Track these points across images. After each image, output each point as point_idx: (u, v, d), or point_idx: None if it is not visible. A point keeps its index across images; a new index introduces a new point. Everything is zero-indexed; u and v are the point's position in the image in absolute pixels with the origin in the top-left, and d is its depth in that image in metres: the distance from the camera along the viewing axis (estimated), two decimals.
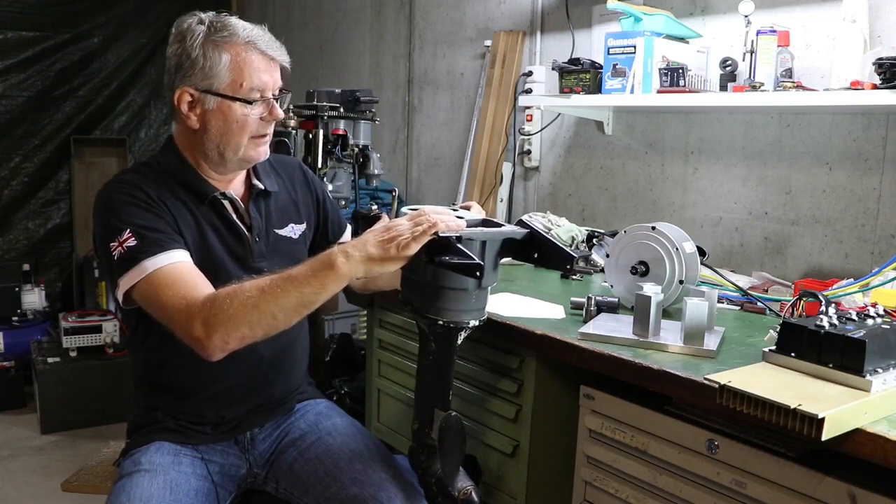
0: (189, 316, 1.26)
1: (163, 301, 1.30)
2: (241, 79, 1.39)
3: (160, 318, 1.33)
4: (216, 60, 1.38)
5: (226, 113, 1.40)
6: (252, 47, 1.40)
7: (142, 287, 1.32)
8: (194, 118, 1.41)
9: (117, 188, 1.40)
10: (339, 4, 3.98)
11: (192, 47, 1.38)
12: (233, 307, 1.23)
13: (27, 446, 3.24)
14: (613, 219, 2.54)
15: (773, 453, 1.17)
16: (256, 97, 1.41)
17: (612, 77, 2.13)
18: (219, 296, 1.26)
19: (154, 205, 1.39)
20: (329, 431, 1.54)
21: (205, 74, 1.38)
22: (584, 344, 1.42)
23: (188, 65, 1.38)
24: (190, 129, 1.43)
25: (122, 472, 1.41)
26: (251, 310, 1.23)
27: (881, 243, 1.89)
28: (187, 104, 1.41)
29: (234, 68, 1.39)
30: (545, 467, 1.62)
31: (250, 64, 1.40)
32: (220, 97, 1.40)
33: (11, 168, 4.27)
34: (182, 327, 1.27)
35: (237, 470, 1.51)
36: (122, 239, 1.32)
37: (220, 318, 1.23)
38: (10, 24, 4.15)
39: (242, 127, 1.42)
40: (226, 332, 1.24)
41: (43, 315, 4.00)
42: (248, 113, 1.41)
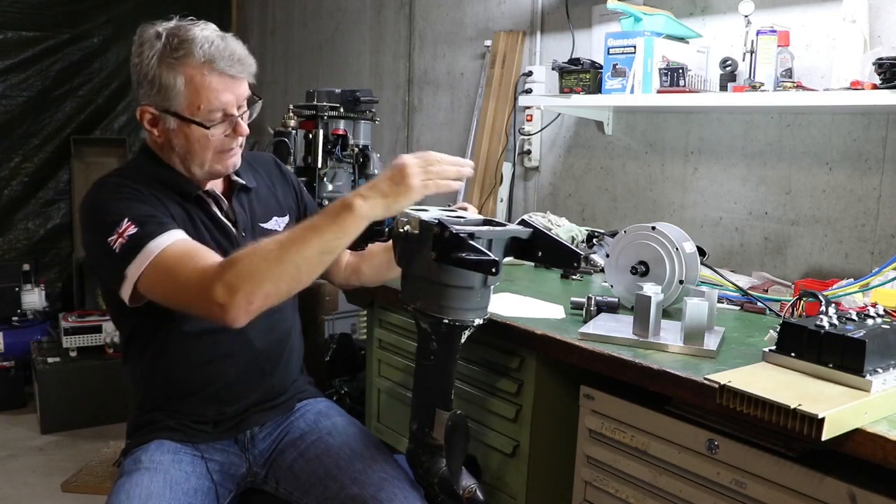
0: (208, 282, 1.21)
1: (176, 278, 1.26)
2: (199, 101, 1.35)
3: (174, 300, 1.29)
4: (171, 83, 1.34)
5: (186, 133, 1.38)
6: (209, 67, 1.34)
7: (151, 272, 1.28)
8: (157, 133, 1.41)
9: (102, 190, 1.38)
10: (339, 4, 3.98)
11: (148, 66, 1.35)
12: (253, 263, 1.20)
13: (27, 446, 3.23)
14: (613, 219, 2.54)
15: (773, 453, 1.17)
16: (217, 118, 1.37)
17: (612, 77, 2.13)
18: (236, 256, 1.23)
19: (145, 196, 1.37)
20: (329, 431, 1.54)
21: (162, 96, 1.35)
22: (584, 344, 1.42)
23: (146, 84, 1.36)
24: (156, 142, 1.44)
25: (122, 471, 1.41)
26: (273, 263, 1.20)
27: (881, 243, 1.89)
28: (148, 122, 1.40)
29: (192, 91, 1.34)
30: (545, 467, 1.62)
31: (207, 86, 1.35)
32: (180, 118, 1.37)
33: (11, 168, 4.27)
34: (202, 296, 1.22)
35: (237, 469, 1.51)
36: (122, 230, 1.29)
37: (241, 276, 1.20)
38: (10, 24, 4.15)
39: (204, 147, 1.39)
40: (250, 290, 1.20)
41: (43, 315, 4.00)
42: (209, 134, 1.38)
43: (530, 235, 1.34)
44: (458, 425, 1.33)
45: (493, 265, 1.18)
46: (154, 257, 1.27)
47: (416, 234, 1.29)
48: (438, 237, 1.23)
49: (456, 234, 1.20)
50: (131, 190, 1.37)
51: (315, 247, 1.22)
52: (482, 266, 1.19)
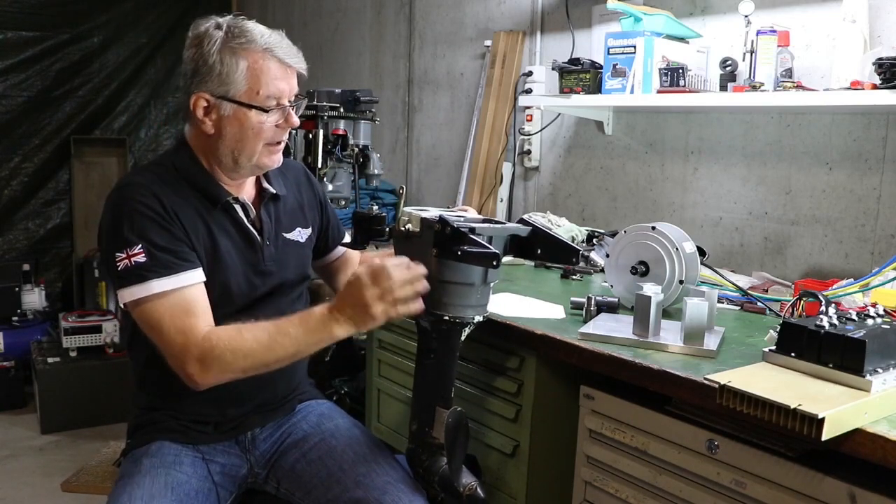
0: (185, 353, 1.29)
1: (161, 329, 1.31)
2: (258, 86, 1.39)
3: (154, 340, 1.34)
4: (233, 67, 1.37)
5: (241, 120, 1.40)
6: (269, 55, 1.39)
7: (143, 306, 1.32)
8: (209, 124, 1.41)
9: (132, 193, 1.37)
10: (339, 4, 3.99)
11: (209, 53, 1.37)
12: (234, 357, 1.29)
13: (27, 446, 3.23)
14: (613, 219, 2.54)
15: (773, 453, 1.17)
16: (273, 105, 1.41)
17: (612, 77, 2.13)
18: (219, 342, 1.29)
19: (168, 219, 1.37)
20: (332, 433, 1.54)
21: (221, 81, 1.38)
22: (584, 344, 1.42)
23: (205, 70, 1.38)
24: (205, 133, 1.42)
25: (123, 472, 1.41)
26: (250, 361, 1.30)
27: (881, 243, 1.89)
28: (203, 109, 1.40)
29: (251, 76, 1.38)
30: (545, 467, 1.62)
31: (267, 72, 1.39)
32: (237, 104, 1.39)
33: (11, 168, 4.27)
34: (176, 359, 1.31)
35: (238, 470, 1.51)
36: (132, 252, 1.32)
37: (218, 363, 1.29)
38: (10, 24, 4.15)
39: (258, 134, 1.41)
40: (221, 375, 1.30)
41: (43, 315, 4.00)
42: (263, 120, 1.41)
43: (529, 233, 1.36)
44: (459, 422, 1.34)
45: (494, 257, 1.20)
46: (150, 295, 1.32)
47: (416, 232, 1.31)
48: (440, 233, 1.25)
49: (457, 229, 1.22)
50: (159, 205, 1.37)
51: (291, 355, 1.32)
52: (484, 258, 1.21)
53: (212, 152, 1.44)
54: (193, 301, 1.34)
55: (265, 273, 1.45)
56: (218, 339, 1.29)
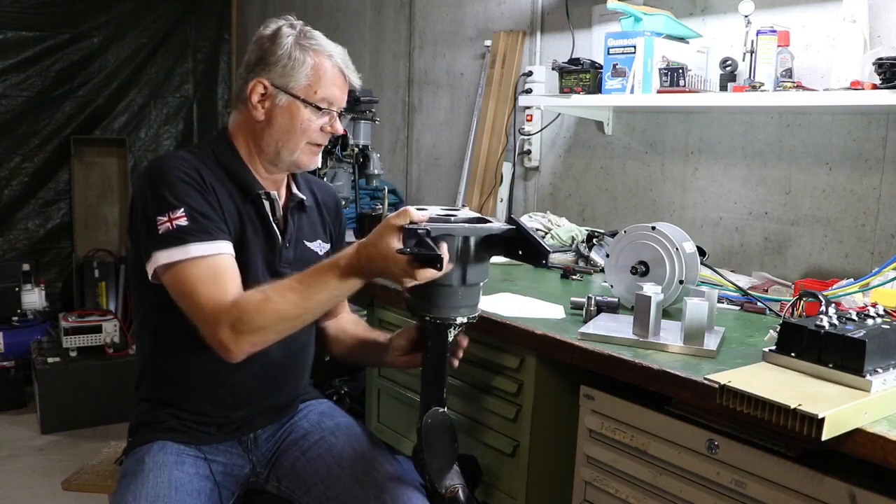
0: (217, 320, 1.28)
1: (194, 294, 1.31)
2: (317, 86, 1.45)
3: (183, 307, 1.33)
4: (299, 62, 1.44)
5: (293, 113, 1.45)
6: (333, 61, 1.48)
7: (179, 270, 1.32)
8: (261, 110, 1.45)
9: (173, 163, 1.40)
10: (339, 4, 3.99)
11: (279, 45, 1.44)
12: (266, 317, 1.28)
13: (27, 446, 3.24)
14: (613, 219, 2.54)
15: (773, 453, 1.17)
16: (325, 107, 1.47)
17: (612, 77, 2.13)
18: (249, 305, 1.28)
19: (206, 189, 1.40)
20: (332, 431, 1.54)
21: (285, 72, 1.44)
22: (584, 344, 1.42)
23: (272, 60, 1.44)
24: (253, 119, 1.46)
25: (125, 471, 1.41)
26: (285, 321, 1.30)
27: (881, 243, 1.89)
28: (259, 95, 1.44)
29: (314, 74, 1.45)
30: (545, 467, 1.62)
31: (328, 75, 1.47)
32: (293, 97, 1.45)
33: (11, 168, 4.27)
34: (207, 328, 1.30)
35: (240, 470, 1.51)
36: (175, 216, 1.33)
37: (250, 326, 1.27)
38: (10, 24, 4.14)
39: (304, 131, 1.47)
40: (254, 340, 1.29)
41: (43, 315, 4.00)
42: (313, 119, 1.46)
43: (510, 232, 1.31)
44: (435, 423, 1.34)
45: (437, 260, 1.18)
46: (188, 259, 1.32)
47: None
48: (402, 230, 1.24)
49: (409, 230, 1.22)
50: (198, 175, 1.40)
51: (323, 306, 1.34)
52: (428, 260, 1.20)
53: (256, 140, 1.48)
54: (226, 268, 1.35)
55: (280, 274, 1.46)
56: (247, 303, 1.29)
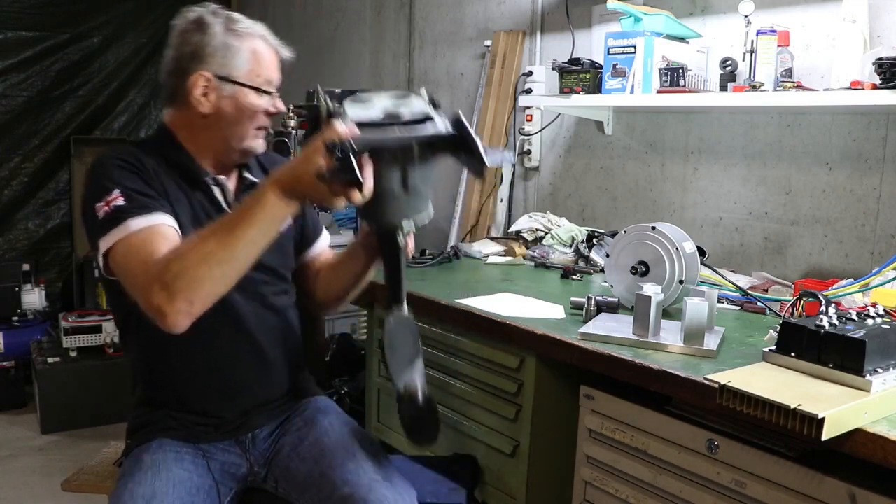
0: (147, 283, 1.18)
1: (128, 266, 1.25)
2: (259, 70, 1.44)
3: (127, 287, 1.28)
4: (237, 50, 1.42)
5: (240, 101, 1.44)
6: (266, 42, 1.47)
7: (118, 249, 1.28)
8: (206, 103, 1.43)
9: (110, 156, 1.40)
10: (339, 4, 3.98)
11: (212, 35, 1.42)
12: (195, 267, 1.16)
13: (27, 446, 3.23)
14: (613, 219, 2.54)
15: (773, 453, 1.17)
16: (268, 89, 1.46)
17: (612, 77, 2.13)
18: (174, 256, 1.20)
19: (147, 174, 1.38)
20: (325, 431, 1.54)
21: (225, 62, 1.42)
22: (584, 344, 1.42)
23: (209, 51, 1.42)
24: (198, 114, 1.44)
25: (124, 470, 1.41)
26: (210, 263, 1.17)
27: (881, 243, 1.89)
28: (202, 89, 1.43)
29: (254, 60, 1.44)
30: (545, 467, 1.62)
31: (266, 57, 1.46)
32: (238, 85, 1.43)
33: (11, 168, 4.27)
34: (142, 295, 1.20)
35: (238, 468, 1.51)
36: (111, 198, 1.30)
37: (180, 280, 1.16)
38: (10, 24, 4.14)
39: (252, 116, 1.46)
40: (190, 293, 1.16)
41: (43, 315, 4.00)
42: (259, 103, 1.45)
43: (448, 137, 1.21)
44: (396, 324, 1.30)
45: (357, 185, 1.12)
46: (125, 236, 1.27)
47: None
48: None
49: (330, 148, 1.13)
50: (137, 162, 1.39)
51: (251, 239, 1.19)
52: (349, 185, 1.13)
53: (202, 134, 1.46)
54: (160, 233, 1.28)
55: None
56: (172, 255, 1.20)
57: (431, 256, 2.31)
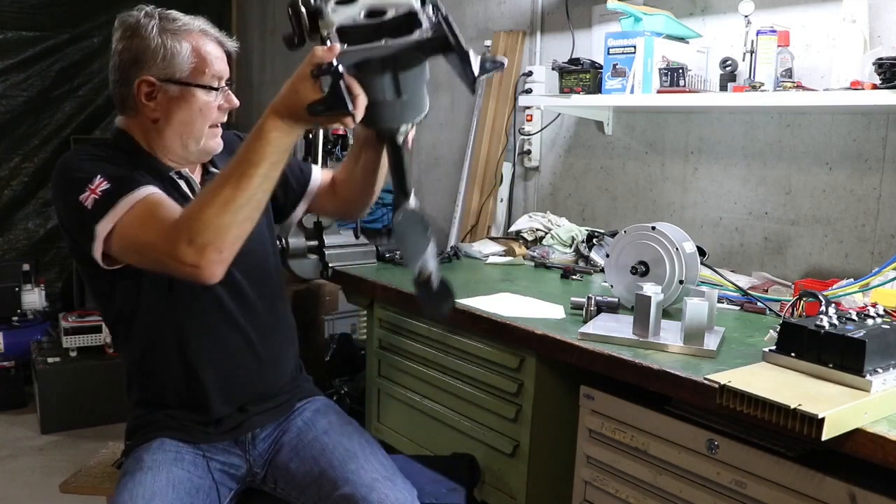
0: (172, 245, 1.19)
1: (142, 237, 1.25)
2: (203, 66, 1.40)
3: (142, 259, 1.29)
4: (177, 49, 1.38)
5: (188, 101, 1.40)
6: (206, 35, 1.42)
7: (120, 230, 1.27)
8: (154, 108, 1.41)
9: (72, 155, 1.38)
10: None
11: (149, 38, 1.38)
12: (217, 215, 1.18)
13: (27, 446, 3.23)
14: (613, 219, 2.54)
15: (773, 453, 1.17)
16: (216, 85, 1.42)
17: (612, 77, 2.13)
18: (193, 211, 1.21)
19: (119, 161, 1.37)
20: (325, 430, 1.54)
21: (166, 64, 1.38)
22: (584, 344, 1.42)
23: (148, 56, 1.38)
24: (149, 120, 1.42)
25: (125, 470, 1.41)
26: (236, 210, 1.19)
27: (881, 243, 1.89)
28: (146, 94, 1.40)
29: (196, 57, 1.39)
30: (545, 467, 1.62)
31: (209, 52, 1.41)
32: (183, 85, 1.40)
33: (11, 168, 4.26)
34: (169, 258, 1.21)
35: (237, 469, 1.51)
36: (94, 186, 1.28)
37: (206, 232, 1.18)
38: (10, 24, 4.14)
39: (204, 115, 1.42)
40: (219, 242, 1.18)
41: (43, 315, 3.99)
42: (210, 100, 1.42)
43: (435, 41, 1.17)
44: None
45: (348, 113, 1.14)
46: (125, 213, 1.26)
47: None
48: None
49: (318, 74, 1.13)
50: (104, 153, 1.38)
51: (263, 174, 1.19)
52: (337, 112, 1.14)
53: (157, 139, 1.43)
54: (160, 201, 1.29)
55: None
56: (191, 210, 1.21)
57: None
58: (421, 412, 1.91)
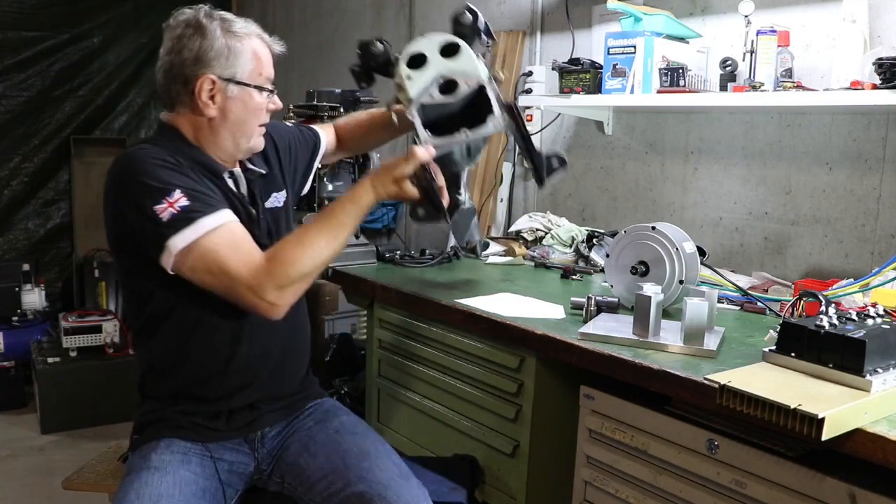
0: (260, 283, 1.33)
1: (225, 265, 1.33)
2: (260, 69, 1.48)
3: (215, 282, 1.34)
4: (239, 51, 1.44)
5: (246, 101, 1.47)
6: (262, 41, 1.51)
7: (198, 248, 1.32)
8: (213, 105, 1.45)
9: (143, 154, 1.39)
10: (339, 4, 3.98)
11: (214, 38, 1.43)
12: (304, 262, 1.36)
13: (27, 446, 3.24)
14: (613, 219, 2.54)
15: (773, 453, 1.17)
16: (269, 88, 1.50)
17: (612, 77, 2.13)
18: (286, 259, 1.35)
19: (185, 170, 1.40)
20: (336, 429, 1.55)
21: (229, 64, 1.44)
22: (584, 344, 1.42)
23: (211, 55, 1.43)
24: (204, 116, 1.46)
25: (130, 468, 1.41)
26: (320, 259, 1.38)
27: (881, 243, 1.89)
28: (208, 91, 1.43)
29: (255, 60, 1.47)
30: (545, 467, 1.62)
31: (264, 57, 1.50)
32: (244, 85, 1.46)
33: (11, 168, 4.27)
34: (251, 293, 1.33)
35: (245, 468, 1.51)
36: (173, 199, 1.33)
37: (292, 276, 1.35)
38: (10, 24, 4.14)
39: (257, 115, 1.49)
40: (298, 287, 1.38)
41: (43, 315, 4.00)
42: (262, 102, 1.49)
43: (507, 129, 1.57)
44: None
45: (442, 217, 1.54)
46: (203, 235, 1.32)
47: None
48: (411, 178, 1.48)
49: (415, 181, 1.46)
50: (172, 160, 1.40)
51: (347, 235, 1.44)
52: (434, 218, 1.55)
53: (210, 136, 1.48)
54: (242, 233, 1.39)
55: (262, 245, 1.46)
56: (284, 258, 1.35)
57: (431, 256, 2.32)
58: (421, 412, 1.91)
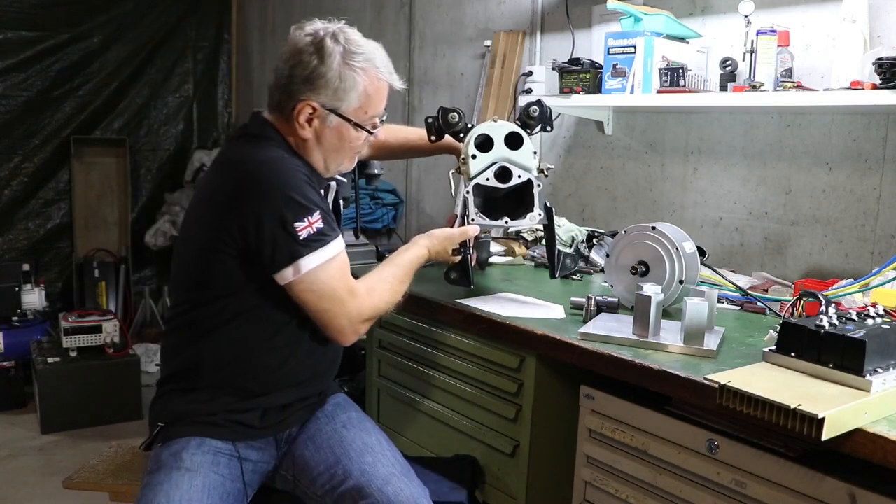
0: (357, 312, 1.42)
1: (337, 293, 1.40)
2: (368, 107, 1.46)
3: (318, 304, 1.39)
4: (351, 85, 1.42)
5: (343, 134, 1.47)
6: (381, 76, 1.47)
7: (322, 271, 1.37)
8: (309, 129, 1.45)
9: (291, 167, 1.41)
10: (339, 4, 3.98)
11: (329, 66, 1.41)
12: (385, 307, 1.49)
13: (27, 446, 3.23)
14: (613, 219, 2.54)
15: (773, 453, 1.17)
16: (373, 124, 1.49)
17: (612, 77, 2.13)
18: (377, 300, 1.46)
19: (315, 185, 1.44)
20: (344, 423, 1.56)
21: (336, 95, 1.43)
22: (584, 344, 1.42)
23: (322, 82, 1.41)
24: (299, 135, 1.46)
25: (160, 463, 1.39)
26: (392, 303, 1.50)
27: (881, 243, 1.89)
28: (307, 115, 1.43)
29: (366, 97, 1.45)
30: (545, 467, 1.62)
31: (378, 94, 1.47)
32: (344, 119, 1.45)
33: (11, 168, 4.27)
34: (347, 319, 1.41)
35: (266, 466, 1.52)
36: (313, 220, 1.37)
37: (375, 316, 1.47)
38: (10, 24, 4.14)
39: (352, 148, 1.50)
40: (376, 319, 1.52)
41: (43, 315, 3.99)
42: (359, 136, 1.49)
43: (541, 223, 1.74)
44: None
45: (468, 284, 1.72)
46: (328, 260, 1.38)
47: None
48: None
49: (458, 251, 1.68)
50: (306, 175, 1.42)
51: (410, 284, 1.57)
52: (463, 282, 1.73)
53: (304, 150, 1.50)
54: (347, 261, 1.45)
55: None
56: (376, 299, 1.45)
57: None
58: (421, 412, 1.91)
